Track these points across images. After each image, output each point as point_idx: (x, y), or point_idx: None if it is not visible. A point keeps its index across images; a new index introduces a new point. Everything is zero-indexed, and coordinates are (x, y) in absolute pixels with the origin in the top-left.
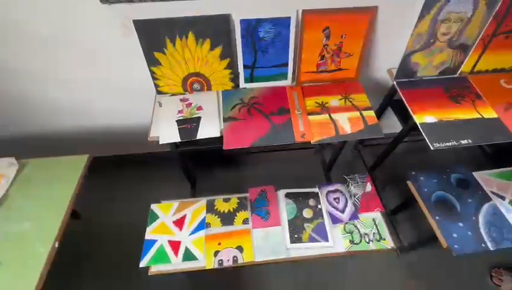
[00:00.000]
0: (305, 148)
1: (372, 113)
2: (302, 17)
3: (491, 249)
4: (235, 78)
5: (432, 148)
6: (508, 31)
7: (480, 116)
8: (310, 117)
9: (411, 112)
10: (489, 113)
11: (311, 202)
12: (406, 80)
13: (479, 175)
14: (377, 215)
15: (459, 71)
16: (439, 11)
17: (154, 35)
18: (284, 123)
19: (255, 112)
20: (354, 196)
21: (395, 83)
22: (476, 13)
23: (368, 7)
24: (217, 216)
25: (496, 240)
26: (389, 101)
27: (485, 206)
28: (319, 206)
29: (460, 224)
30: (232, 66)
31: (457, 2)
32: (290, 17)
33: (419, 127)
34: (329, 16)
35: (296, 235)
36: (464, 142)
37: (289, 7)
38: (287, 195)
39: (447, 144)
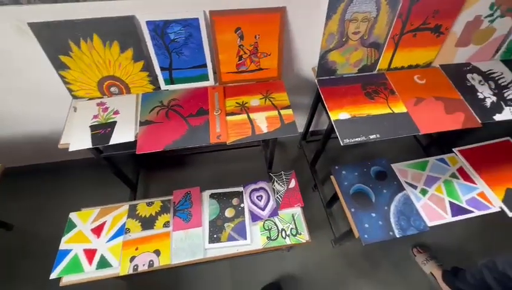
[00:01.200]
0: (253, 146)
1: (290, 111)
2: (211, 18)
3: (397, 236)
4: (154, 81)
5: (341, 144)
6: (414, 30)
7: (391, 112)
8: (229, 118)
9: (327, 109)
10: (400, 108)
11: (235, 201)
12: (327, 77)
13: (396, 167)
14: (296, 210)
15: (376, 68)
16: (344, 12)
17: (55, 39)
18: (201, 125)
19: (174, 114)
20: (278, 193)
21: (316, 81)
22: (380, 13)
23: (275, 8)
24: (137, 221)
25: (403, 228)
26: (318, 99)
27: (398, 196)
28: (242, 205)
29: (373, 214)
30: (148, 68)
31: (361, 2)
32: (197, 18)
33: (333, 123)
34: (238, 16)
35: (215, 236)
36: (372, 137)
37: (195, 8)
38: (212, 196)
39: (356, 139)
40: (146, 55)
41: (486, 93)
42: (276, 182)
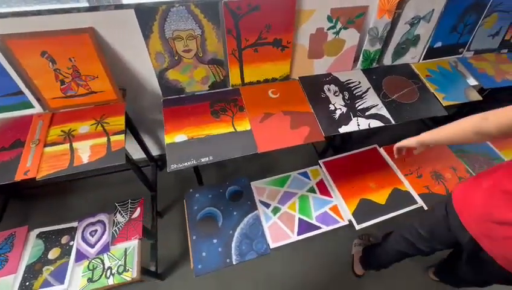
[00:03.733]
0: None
1: (121, 137)
2: (5, 43)
3: (234, 263)
4: None
5: (168, 171)
6: (252, 45)
7: (234, 130)
8: (47, 149)
9: (164, 132)
10: (244, 126)
11: (64, 239)
12: (176, 96)
13: (255, 185)
14: (132, 244)
15: (230, 84)
16: (162, 30)
17: None
18: (11, 160)
19: None
20: (117, 225)
21: (161, 101)
22: (205, 30)
23: (81, 29)
24: None
25: (242, 253)
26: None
27: (247, 218)
28: (72, 243)
29: (215, 240)
30: None
31: (176, 20)
32: None
33: (165, 148)
34: (39, 39)
35: (27, 283)
36: (204, 160)
37: None
38: (39, 235)
39: (185, 164)
40: None
41: (338, 105)
42: (120, 212)
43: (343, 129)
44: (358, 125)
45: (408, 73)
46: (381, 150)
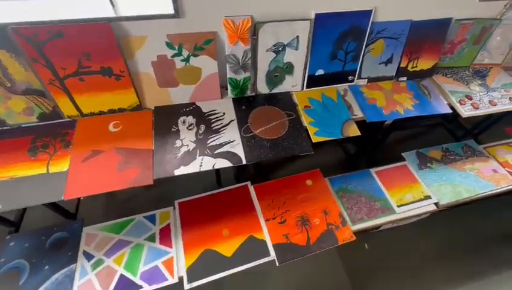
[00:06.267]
0: None
1: None
2: None
3: None
4: None
5: None
6: (74, 74)
7: (46, 172)
8: None
9: None
10: (61, 167)
11: None
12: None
13: (88, 230)
14: None
15: (65, 115)
16: None
17: None
18: None
19: None
20: None
21: None
22: (1, 58)
23: None
24: None
25: None
26: None
27: (59, 273)
28: None
29: None
30: None
31: None
32: None
33: None
34: None
35: None
36: None
37: None
38: None
39: None
40: None
41: (187, 141)
42: None
43: (180, 171)
44: (201, 166)
45: (286, 103)
46: (252, 189)
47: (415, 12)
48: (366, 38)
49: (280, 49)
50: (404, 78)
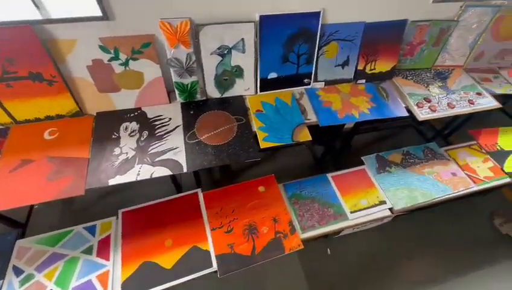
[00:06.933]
0: None
1: None
2: None
3: None
4: None
5: None
6: None
7: None
8: None
9: None
10: None
11: None
12: None
13: (21, 243)
14: None
15: None
16: None
17: None
18: None
19: None
20: None
21: None
22: None
23: None
24: None
25: None
26: None
27: None
28: None
29: None
30: None
31: None
32: None
33: None
34: None
35: None
36: None
37: None
38: None
39: None
40: None
41: (126, 148)
42: None
43: (115, 180)
44: (138, 175)
45: (238, 107)
46: (201, 196)
47: (367, 13)
48: (317, 41)
49: (225, 52)
50: (363, 81)
